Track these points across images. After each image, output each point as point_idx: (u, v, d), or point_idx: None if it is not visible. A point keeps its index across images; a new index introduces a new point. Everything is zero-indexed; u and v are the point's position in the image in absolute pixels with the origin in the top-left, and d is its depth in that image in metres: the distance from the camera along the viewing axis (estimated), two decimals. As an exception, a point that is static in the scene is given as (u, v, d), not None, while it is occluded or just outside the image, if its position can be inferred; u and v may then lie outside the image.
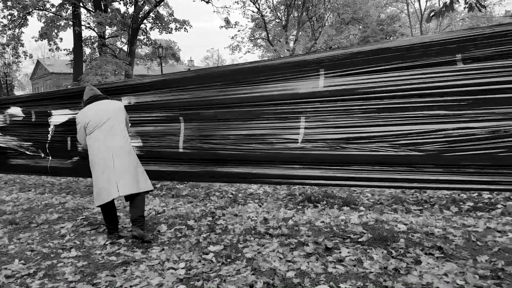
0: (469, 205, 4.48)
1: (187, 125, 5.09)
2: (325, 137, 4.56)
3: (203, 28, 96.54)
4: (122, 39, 24.26)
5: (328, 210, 4.62)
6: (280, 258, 3.24)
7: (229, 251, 3.46)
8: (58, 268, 3.30)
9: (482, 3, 4.65)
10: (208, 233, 3.99)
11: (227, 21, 24.54)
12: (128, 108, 5.09)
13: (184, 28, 23.54)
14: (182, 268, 3.14)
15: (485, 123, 3.94)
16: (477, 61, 3.94)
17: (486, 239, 3.41)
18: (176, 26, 23.37)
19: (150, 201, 5.36)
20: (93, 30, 21.42)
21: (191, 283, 2.92)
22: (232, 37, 32.38)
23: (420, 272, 2.84)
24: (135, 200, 3.81)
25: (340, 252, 3.28)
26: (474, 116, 3.98)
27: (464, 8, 4.71)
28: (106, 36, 22.06)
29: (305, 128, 4.67)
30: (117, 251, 3.61)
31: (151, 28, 23.68)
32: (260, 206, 4.95)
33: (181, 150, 5.03)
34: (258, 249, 3.46)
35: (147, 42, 24.30)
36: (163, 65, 22.83)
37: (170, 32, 23.19)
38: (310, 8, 29.20)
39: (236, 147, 4.84)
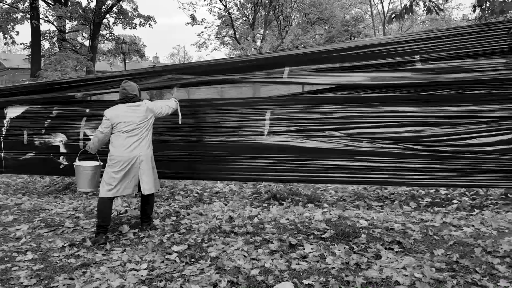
0: (427, 201, 4.65)
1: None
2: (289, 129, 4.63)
3: (169, 24, 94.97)
4: (84, 34, 23.44)
5: (293, 207, 4.67)
6: (244, 256, 3.24)
7: (193, 251, 3.42)
8: (13, 272, 3.15)
9: (440, 7, 4.82)
10: (172, 233, 3.93)
11: (193, 18, 24.28)
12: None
13: (149, 24, 23.04)
14: (145, 269, 3.08)
15: (441, 119, 4.12)
16: (434, 62, 4.11)
17: (442, 233, 3.55)
18: (141, 21, 22.83)
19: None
20: (52, 24, 20.58)
21: (154, 284, 2.86)
22: (199, 34, 31.97)
23: (380, 266, 2.92)
24: (150, 197, 4.12)
25: (304, 249, 3.32)
26: (430, 113, 4.16)
27: (423, 11, 4.87)
28: (67, 31, 21.25)
29: (270, 120, 4.72)
30: (76, 253, 3.49)
31: (114, 23, 23.02)
32: (226, 204, 4.92)
33: None
34: (223, 248, 3.44)
35: (110, 38, 23.60)
36: (127, 61, 22.24)
37: (134, 28, 22.65)
38: (277, 7, 29.37)
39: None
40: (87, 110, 5.46)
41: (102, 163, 4.23)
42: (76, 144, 5.36)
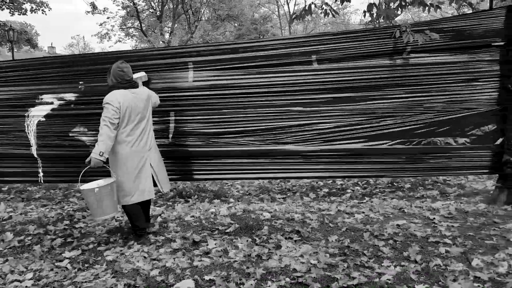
0: (324, 191, 4.96)
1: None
2: (195, 132, 4.56)
3: (70, 12, 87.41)
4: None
5: (199, 204, 4.63)
6: (144, 257, 3.12)
7: (87, 256, 3.20)
8: None
9: (336, 11, 5.13)
10: (64, 238, 3.63)
11: (93, 6, 22.70)
12: None
13: (42, 10, 21.01)
14: (30, 279, 2.79)
15: (336, 118, 4.40)
16: (330, 62, 4.37)
17: (337, 221, 3.81)
18: (32, 7, 20.71)
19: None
20: None
21: (41, 294, 2.62)
22: (101, 24, 29.95)
23: (280, 256, 3.03)
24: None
25: (207, 245, 3.31)
26: (327, 112, 4.42)
27: (320, 13, 5.14)
28: None
29: (175, 122, 4.60)
30: None
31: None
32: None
33: None
34: (121, 251, 3.27)
35: (-5, 24, 21.05)
36: (16, 51, 20.03)
37: (24, 14, 20.42)
38: (186, 1, 28.84)
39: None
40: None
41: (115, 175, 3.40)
42: None
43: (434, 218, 3.74)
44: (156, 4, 30.31)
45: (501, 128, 4.17)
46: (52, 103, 4.66)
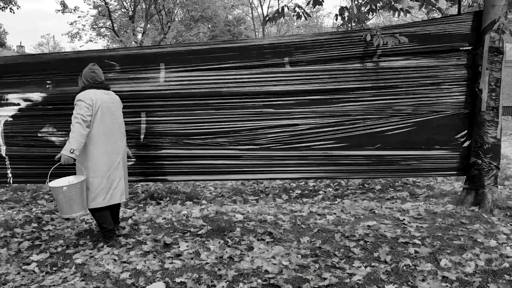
0: (297, 193, 5.00)
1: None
2: (167, 133, 4.52)
3: (39, 10, 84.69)
4: None
5: (171, 206, 4.57)
6: (114, 260, 3.05)
7: (55, 259, 3.10)
8: None
9: (309, 14, 5.19)
10: (32, 241, 3.51)
11: (63, 5, 22.03)
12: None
13: (10, 8, 20.22)
14: (-7, 285, 2.68)
15: (307, 120, 4.45)
16: (302, 65, 4.42)
17: (308, 222, 3.84)
18: (0, 4, 19.92)
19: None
20: None
21: (4, 300, 2.52)
22: (71, 24, 29.22)
23: (252, 257, 3.02)
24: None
25: (179, 247, 3.27)
26: (299, 114, 4.46)
27: (293, 15, 5.19)
28: None
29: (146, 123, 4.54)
30: None
31: (-37, 4, 19.66)
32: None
33: None
34: (90, 253, 3.19)
35: (-42, 20, 20.11)
36: (-19, 48, 19.23)
37: (-9, 11, 19.64)
38: (159, 1, 28.49)
39: None
40: None
41: (86, 173, 3.28)
42: None
43: (404, 219, 3.83)
44: (128, 4, 29.82)
45: (468, 131, 4.32)
46: (18, 104, 4.51)
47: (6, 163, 4.57)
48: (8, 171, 4.58)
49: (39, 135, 4.52)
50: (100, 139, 3.27)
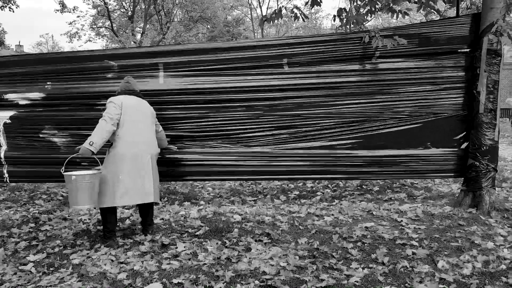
0: (295, 194, 5.00)
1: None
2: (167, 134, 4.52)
3: (38, 9, 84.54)
4: None
5: (169, 206, 4.57)
6: (112, 260, 3.04)
7: (52, 259, 3.09)
8: None
9: (306, 15, 5.19)
10: (29, 241, 3.50)
11: (62, 5, 22.03)
12: None
13: (9, 7, 20.17)
14: (-11, 285, 2.68)
15: (305, 121, 4.46)
16: (301, 66, 4.43)
17: (306, 223, 3.84)
18: (-2, 3, 19.88)
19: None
20: None
21: (0, 301, 2.51)
22: (70, 23, 29.10)
23: (249, 258, 3.02)
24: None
25: (177, 248, 3.26)
26: (297, 115, 4.47)
27: (291, 16, 5.19)
28: None
29: None
30: None
31: (-38, 3, 19.61)
32: (95, 208, 4.57)
33: None
34: (87, 254, 3.18)
35: (-43, 19, 20.07)
36: (-21, 47, 19.20)
37: (-11, 10, 19.60)
38: (158, 1, 28.47)
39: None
40: None
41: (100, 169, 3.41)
42: None
43: (402, 221, 3.84)
44: (127, 4, 29.80)
45: (466, 133, 4.33)
46: (17, 104, 4.51)
47: (3, 162, 4.56)
48: (4, 170, 4.57)
49: (40, 135, 4.52)
50: (124, 141, 3.39)
